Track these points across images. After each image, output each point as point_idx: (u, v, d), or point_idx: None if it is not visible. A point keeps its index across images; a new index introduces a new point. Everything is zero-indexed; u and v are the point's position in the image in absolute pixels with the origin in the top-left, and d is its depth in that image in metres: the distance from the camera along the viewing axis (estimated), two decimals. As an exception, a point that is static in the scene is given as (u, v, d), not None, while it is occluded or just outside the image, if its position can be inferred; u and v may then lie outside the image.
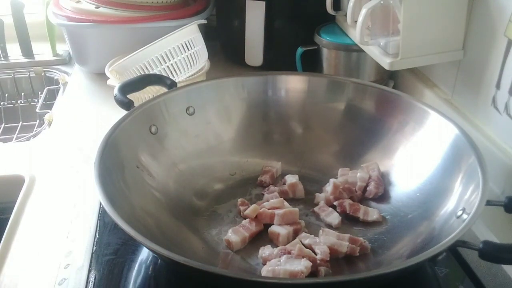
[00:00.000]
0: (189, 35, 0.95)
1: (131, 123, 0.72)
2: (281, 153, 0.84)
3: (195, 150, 0.80)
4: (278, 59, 1.10)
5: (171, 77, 0.92)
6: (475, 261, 0.65)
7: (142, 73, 0.91)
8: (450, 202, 0.63)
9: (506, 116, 0.71)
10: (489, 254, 0.52)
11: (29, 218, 0.73)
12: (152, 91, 0.89)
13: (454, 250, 0.67)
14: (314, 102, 0.84)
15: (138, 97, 0.89)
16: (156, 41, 0.92)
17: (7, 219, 0.73)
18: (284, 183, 0.77)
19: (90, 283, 0.62)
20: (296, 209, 0.70)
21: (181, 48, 0.94)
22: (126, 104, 0.74)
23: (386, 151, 0.78)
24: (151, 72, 0.91)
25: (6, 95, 1.26)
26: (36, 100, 1.25)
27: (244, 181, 0.80)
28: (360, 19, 0.82)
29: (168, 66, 0.93)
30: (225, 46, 1.22)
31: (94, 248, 0.68)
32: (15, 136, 1.14)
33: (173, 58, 0.93)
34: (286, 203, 0.72)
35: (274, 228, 0.68)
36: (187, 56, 0.95)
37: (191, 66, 0.96)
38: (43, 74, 1.26)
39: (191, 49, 0.95)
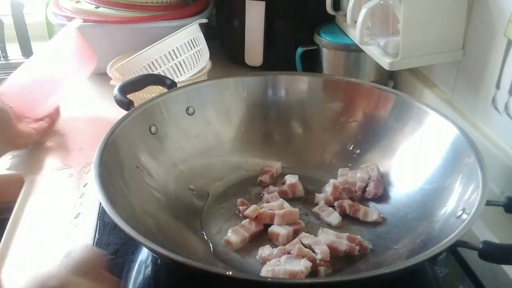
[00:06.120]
0: (192, 34, 0.95)
1: (131, 123, 0.72)
2: (281, 153, 0.84)
3: (195, 150, 0.80)
4: (278, 59, 1.10)
5: (175, 76, 0.93)
6: (475, 261, 0.65)
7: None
8: (450, 202, 0.63)
9: (506, 116, 0.71)
10: (489, 254, 0.52)
11: (29, 218, 0.73)
12: (152, 91, 0.89)
13: (454, 250, 0.67)
14: (314, 102, 0.84)
15: (138, 97, 0.89)
16: (161, 40, 0.91)
17: (7, 219, 0.73)
18: (284, 183, 0.77)
19: (90, 283, 0.62)
20: (296, 209, 0.70)
21: (186, 46, 0.94)
22: (126, 104, 0.74)
23: (386, 151, 0.78)
24: (155, 72, 0.91)
25: (6, 95, 1.26)
26: (36, 100, 1.25)
27: (244, 181, 0.80)
28: (360, 19, 0.82)
29: (172, 66, 0.93)
30: (225, 46, 1.22)
31: (94, 248, 0.68)
32: (15, 136, 1.14)
33: (177, 57, 0.93)
34: (286, 204, 0.72)
35: (274, 228, 0.68)
36: (191, 54, 0.95)
37: (195, 65, 0.96)
38: (43, 74, 1.26)
39: (195, 47, 0.96)
